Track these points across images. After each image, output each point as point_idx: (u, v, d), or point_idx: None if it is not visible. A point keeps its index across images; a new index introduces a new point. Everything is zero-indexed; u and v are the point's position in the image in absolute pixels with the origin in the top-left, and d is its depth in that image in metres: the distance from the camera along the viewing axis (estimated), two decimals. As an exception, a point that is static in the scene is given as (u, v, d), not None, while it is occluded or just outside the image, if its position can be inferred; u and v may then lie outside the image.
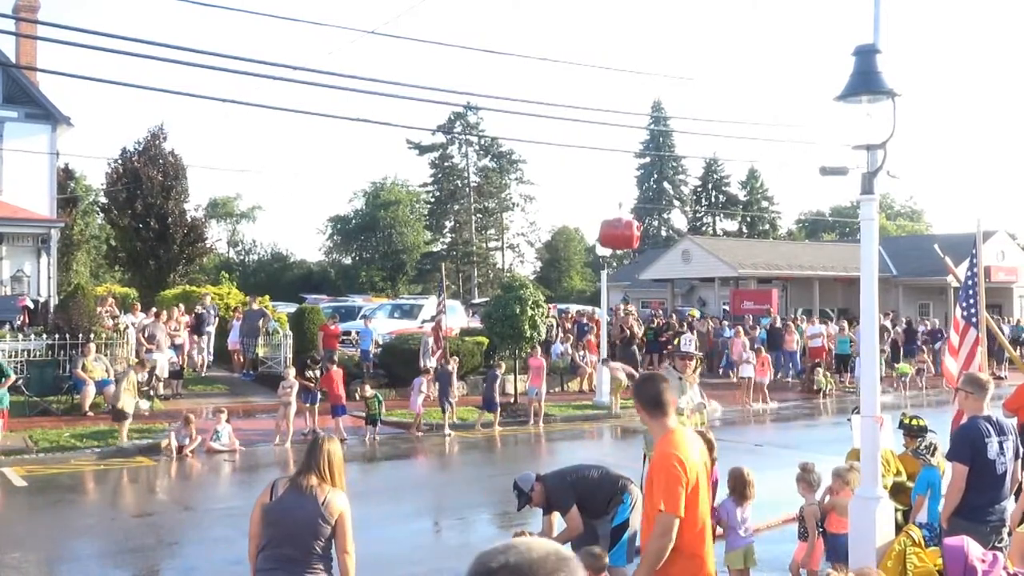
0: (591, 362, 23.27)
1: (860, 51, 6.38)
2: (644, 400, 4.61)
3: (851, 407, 12.86)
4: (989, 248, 35.46)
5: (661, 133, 63.21)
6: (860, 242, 6.69)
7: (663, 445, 4.38)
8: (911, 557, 5.84)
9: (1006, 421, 6.57)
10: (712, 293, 40.26)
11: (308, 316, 21.97)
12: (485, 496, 12.34)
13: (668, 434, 4.44)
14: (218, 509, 11.34)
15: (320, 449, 4.82)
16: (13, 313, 19.99)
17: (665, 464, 4.27)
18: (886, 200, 74.35)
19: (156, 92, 35.52)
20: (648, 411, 4.58)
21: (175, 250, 32.32)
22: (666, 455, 4.29)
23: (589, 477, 7.39)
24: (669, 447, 4.32)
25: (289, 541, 4.65)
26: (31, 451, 14.03)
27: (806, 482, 7.33)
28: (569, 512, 7.13)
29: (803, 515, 7.37)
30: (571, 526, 7.14)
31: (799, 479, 7.36)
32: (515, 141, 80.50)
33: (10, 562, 8.69)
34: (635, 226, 21.10)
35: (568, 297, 60.79)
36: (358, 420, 16.70)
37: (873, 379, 6.74)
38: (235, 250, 74.81)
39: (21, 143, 23.85)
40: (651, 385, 4.66)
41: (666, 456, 4.29)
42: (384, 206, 67.94)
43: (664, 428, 4.48)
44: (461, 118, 60.32)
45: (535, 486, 7.21)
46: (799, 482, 7.35)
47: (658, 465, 4.33)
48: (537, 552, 1.70)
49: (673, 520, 4.22)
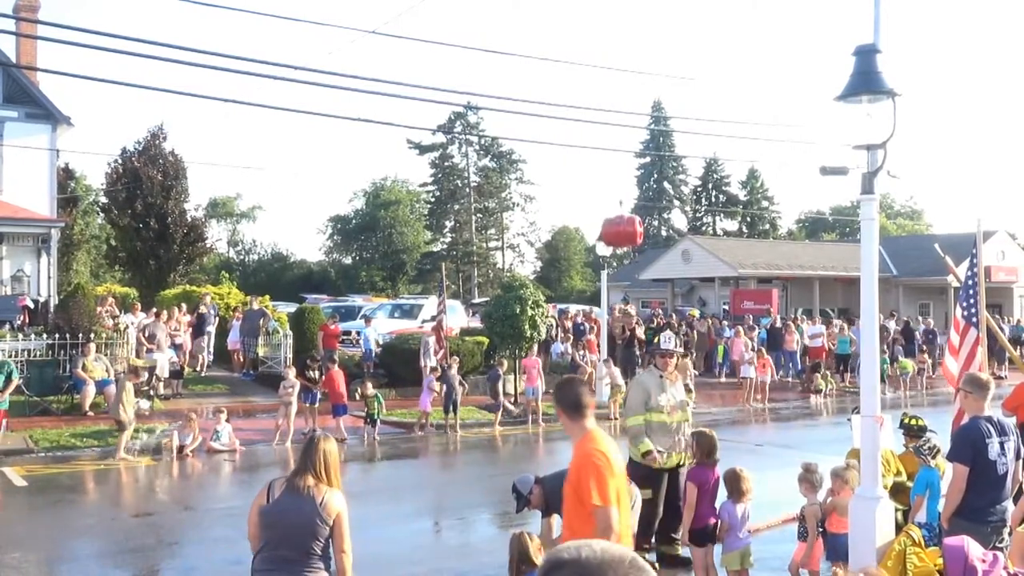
0: (591, 362, 23.27)
1: (860, 51, 6.38)
2: (564, 403, 4.69)
3: (851, 407, 12.87)
4: (989, 248, 35.46)
5: (661, 133, 63.20)
6: (860, 242, 6.69)
7: (585, 443, 4.46)
8: (911, 557, 5.84)
9: (1007, 421, 6.57)
10: (712, 293, 40.27)
11: (308, 316, 21.97)
12: (485, 496, 12.34)
13: (588, 433, 4.54)
14: (218, 509, 11.34)
15: (316, 449, 4.80)
16: (13, 313, 19.99)
17: (590, 460, 4.34)
18: (886, 200, 74.35)
19: (156, 92, 35.53)
20: (568, 414, 4.67)
21: (175, 250, 32.32)
22: (589, 451, 4.37)
23: None
24: (591, 443, 4.41)
25: (286, 542, 4.64)
26: (31, 451, 14.03)
27: (808, 482, 7.32)
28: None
29: (804, 515, 7.37)
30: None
31: (801, 479, 7.36)
32: (515, 141, 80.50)
33: (10, 562, 8.69)
34: (637, 222, 21.09)
35: (568, 297, 60.77)
36: (358, 420, 16.70)
37: (873, 379, 6.73)
38: (235, 250, 74.82)
39: (21, 143, 23.85)
40: (571, 389, 4.75)
41: (590, 453, 4.37)
42: (384, 206, 67.94)
43: (583, 429, 4.58)
44: (461, 118, 60.32)
45: (534, 489, 7.16)
46: (801, 482, 7.35)
47: (584, 462, 4.39)
48: (611, 554, 1.68)
49: (611, 511, 4.29)
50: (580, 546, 1.70)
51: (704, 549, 7.26)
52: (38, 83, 24.78)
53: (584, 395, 4.67)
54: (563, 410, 4.68)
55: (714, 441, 7.52)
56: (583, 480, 4.37)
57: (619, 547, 1.74)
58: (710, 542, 7.25)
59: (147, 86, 14.00)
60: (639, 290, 46.71)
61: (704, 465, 7.39)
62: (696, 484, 7.27)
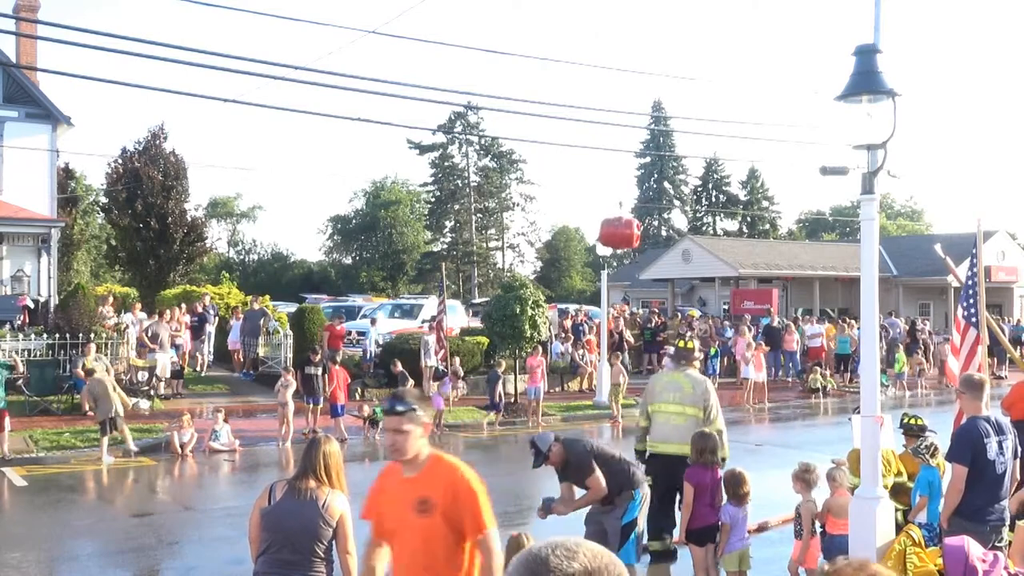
0: (591, 362, 23.26)
1: (860, 51, 6.38)
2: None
3: (851, 407, 12.89)
4: (989, 248, 35.47)
5: (661, 133, 63.20)
6: (860, 242, 6.69)
7: (458, 470, 4.12)
8: (911, 557, 5.85)
9: (1005, 420, 6.58)
10: (712, 293, 40.28)
11: (308, 316, 21.98)
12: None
13: (452, 461, 4.23)
14: (218, 509, 11.34)
15: (316, 451, 4.79)
16: (13, 313, 20.00)
17: (474, 485, 4.06)
18: (886, 200, 74.30)
19: (157, 92, 35.51)
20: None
21: (175, 250, 32.32)
22: (468, 477, 4.07)
23: (610, 457, 7.38)
24: (463, 470, 4.10)
25: (288, 545, 4.64)
26: (31, 451, 14.04)
27: (803, 481, 7.33)
28: (592, 475, 7.04)
29: (799, 513, 7.38)
30: (595, 488, 7.07)
31: (796, 477, 7.37)
32: (515, 141, 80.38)
33: (10, 562, 8.69)
34: (635, 225, 21.07)
35: (568, 297, 60.76)
36: (359, 420, 16.70)
37: (873, 379, 6.73)
38: (235, 250, 74.77)
39: (21, 143, 23.85)
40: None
41: (469, 479, 4.06)
42: (384, 206, 67.92)
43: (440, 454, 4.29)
44: (461, 118, 60.30)
45: (553, 447, 7.14)
46: (795, 480, 7.36)
47: (469, 489, 4.04)
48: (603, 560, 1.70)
49: (496, 532, 4.09)
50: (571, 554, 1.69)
51: (704, 549, 7.25)
52: (38, 83, 24.78)
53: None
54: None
55: (710, 442, 7.50)
56: (474, 505, 4.08)
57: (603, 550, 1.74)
58: (710, 542, 7.25)
59: (147, 86, 13.99)
60: (639, 290, 46.70)
61: (701, 465, 7.38)
62: (693, 484, 7.26)
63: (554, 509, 7.24)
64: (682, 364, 8.74)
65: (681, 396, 8.40)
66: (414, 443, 4.05)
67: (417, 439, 4.06)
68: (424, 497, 4.00)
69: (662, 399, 8.50)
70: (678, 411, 8.36)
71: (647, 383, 9.85)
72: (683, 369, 8.67)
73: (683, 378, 8.54)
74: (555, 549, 1.68)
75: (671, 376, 8.74)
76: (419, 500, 4.00)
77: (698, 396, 8.36)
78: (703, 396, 8.37)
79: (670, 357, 9.17)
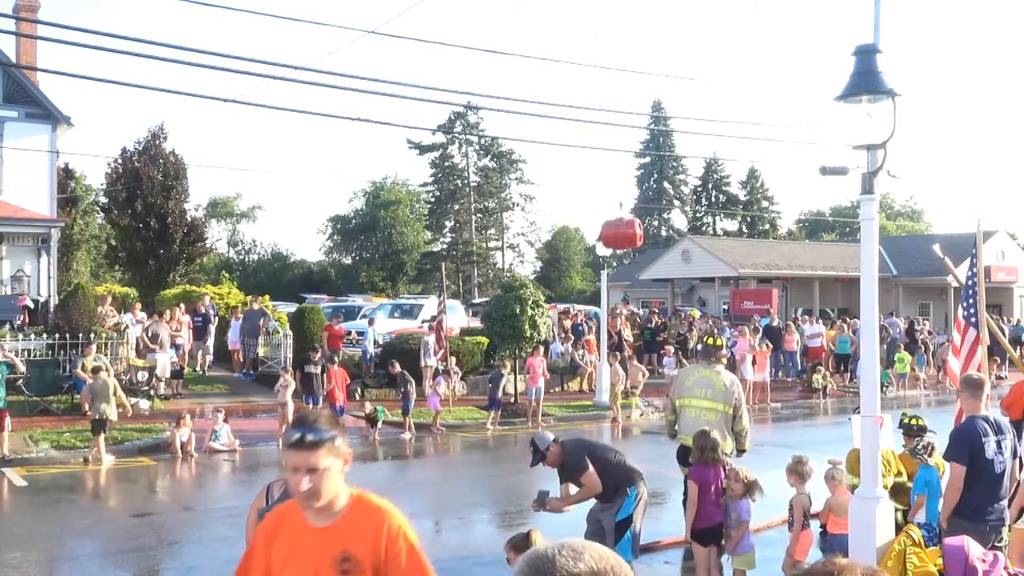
0: (591, 362, 23.25)
1: (860, 51, 6.38)
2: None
3: (851, 407, 12.89)
4: (989, 248, 35.49)
5: (661, 133, 63.22)
6: (860, 242, 6.69)
7: (390, 515, 3.16)
8: (911, 557, 5.85)
9: (1004, 420, 6.59)
10: (712, 293, 40.30)
11: (308, 316, 21.98)
12: (485, 496, 12.32)
13: (380, 505, 3.22)
14: (218, 509, 11.34)
15: None
16: (13, 313, 20.00)
17: (411, 536, 3.13)
18: (886, 200, 74.30)
19: (156, 92, 35.52)
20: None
21: (175, 250, 32.31)
22: (403, 525, 3.14)
23: (607, 457, 7.46)
24: (395, 516, 3.16)
25: None
26: (31, 451, 14.03)
27: (797, 474, 7.36)
28: (586, 472, 7.16)
29: (791, 506, 7.39)
30: (589, 484, 7.17)
31: (790, 470, 7.40)
32: (515, 141, 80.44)
33: (10, 562, 8.69)
34: (637, 224, 21.05)
35: (568, 297, 60.76)
36: (358, 420, 16.70)
37: (873, 379, 6.74)
38: (235, 250, 74.78)
39: (21, 143, 23.84)
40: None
41: (404, 527, 3.14)
42: (384, 206, 67.92)
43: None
44: (461, 118, 60.31)
45: (551, 447, 7.26)
46: (790, 473, 7.38)
47: (407, 540, 3.10)
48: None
49: None
50: (577, 555, 1.70)
51: (707, 549, 7.24)
52: (38, 83, 24.78)
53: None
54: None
55: (710, 440, 7.51)
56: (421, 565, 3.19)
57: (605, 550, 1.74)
58: (714, 542, 7.24)
59: (147, 86, 14.01)
60: (639, 290, 46.70)
61: (703, 463, 7.39)
62: (697, 482, 7.27)
63: (548, 504, 7.30)
64: (712, 361, 9.11)
65: (713, 392, 8.75)
66: (333, 483, 3.08)
67: (336, 477, 3.10)
68: (346, 553, 3.06)
69: (692, 394, 8.85)
70: (710, 406, 8.71)
71: (673, 377, 10.37)
72: (713, 366, 9.04)
73: (714, 375, 8.91)
74: (562, 549, 1.70)
75: (702, 372, 9.06)
76: (339, 557, 3.06)
77: (729, 393, 8.75)
78: (734, 393, 8.77)
79: (699, 354, 9.80)
